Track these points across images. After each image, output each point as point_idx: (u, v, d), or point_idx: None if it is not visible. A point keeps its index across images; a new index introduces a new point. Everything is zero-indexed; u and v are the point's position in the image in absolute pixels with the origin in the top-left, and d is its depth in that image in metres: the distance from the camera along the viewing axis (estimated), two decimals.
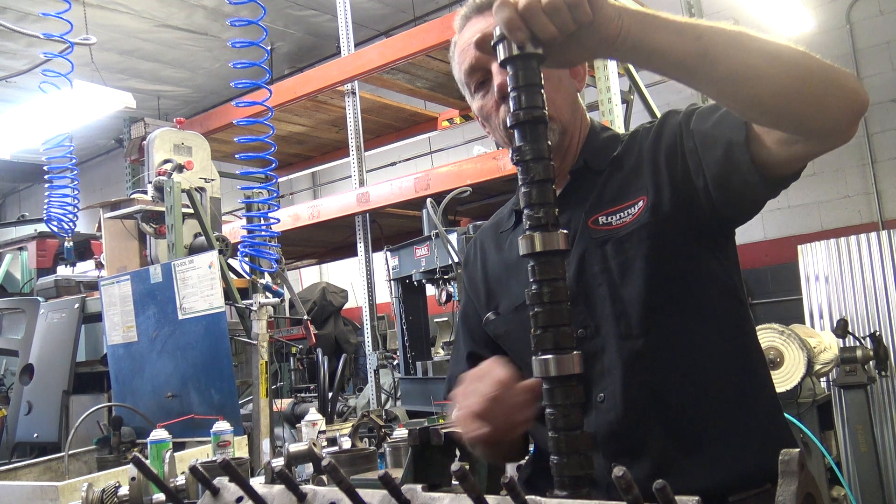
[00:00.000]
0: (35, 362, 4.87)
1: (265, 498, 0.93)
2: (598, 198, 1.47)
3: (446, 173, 5.29)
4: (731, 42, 1.14)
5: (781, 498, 0.77)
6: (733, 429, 1.38)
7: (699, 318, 1.41)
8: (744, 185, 1.29)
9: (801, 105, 1.15)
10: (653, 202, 1.39)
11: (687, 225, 1.39)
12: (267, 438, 3.72)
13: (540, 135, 1.03)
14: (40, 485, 2.72)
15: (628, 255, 1.40)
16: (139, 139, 5.43)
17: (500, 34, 1.05)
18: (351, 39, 6.05)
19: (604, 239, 1.43)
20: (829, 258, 6.43)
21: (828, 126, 1.18)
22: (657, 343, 1.38)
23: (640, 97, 5.30)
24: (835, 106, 1.15)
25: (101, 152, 13.19)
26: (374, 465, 2.46)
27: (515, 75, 1.05)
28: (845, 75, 1.16)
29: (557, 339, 0.98)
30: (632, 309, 1.39)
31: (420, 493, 0.86)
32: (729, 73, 1.13)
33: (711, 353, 1.40)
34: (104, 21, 8.43)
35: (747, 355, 1.46)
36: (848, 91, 1.16)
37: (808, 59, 1.15)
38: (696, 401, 1.38)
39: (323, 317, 8.41)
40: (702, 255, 1.43)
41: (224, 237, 4.47)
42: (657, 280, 1.38)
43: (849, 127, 1.20)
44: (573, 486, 0.93)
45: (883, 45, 6.87)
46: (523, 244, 1.01)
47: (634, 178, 1.44)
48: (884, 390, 6.07)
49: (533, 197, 1.02)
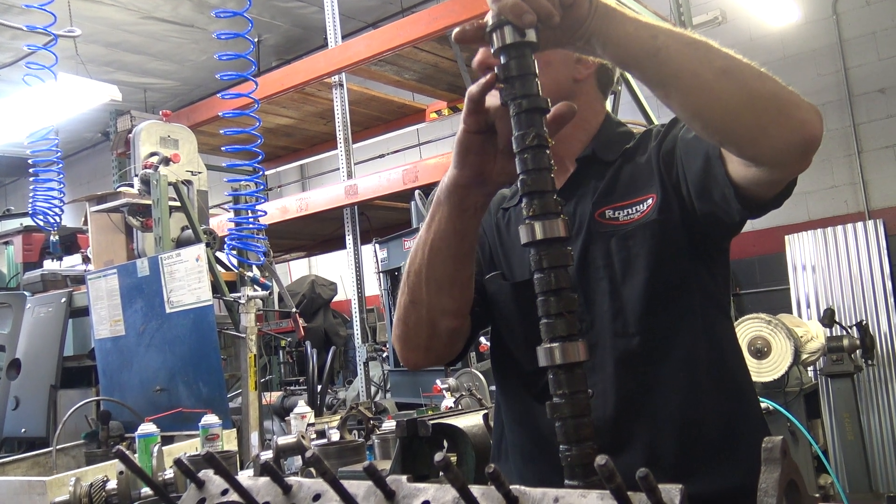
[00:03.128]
0: (22, 357, 4.84)
1: (250, 490, 0.92)
2: (607, 190, 1.46)
3: (434, 165, 5.28)
4: (684, 48, 1.13)
5: (764, 485, 0.78)
6: (718, 441, 1.38)
7: (691, 326, 1.41)
8: (723, 199, 1.28)
9: (743, 128, 1.13)
10: (661, 201, 1.39)
11: (684, 231, 1.39)
12: (256, 431, 3.71)
13: (540, 123, 1.03)
14: (28, 480, 2.71)
15: (631, 252, 1.39)
16: (125, 132, 5.40)
17: (495, 22, 1.05)
18: (338, 31, 6.02)
19: (609, 233, 1.42)
20: (815, 248, 6.48)
21: (770, 154, 1.15)
22: (651, 344, 1.38)
23: (628, 88, 5.31)
24: (777, 135, 1.13)
25: (86, 145, 13.09)
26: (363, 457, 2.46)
27: (511, 64, 1.04)
28: (797, 105, 1.13)
29: (563, 327, 0.98)
30: (630, 307, 1.39)
31: (405, 485, 0.86)
32: (675, 76, 1.13)
33: (700, 362, 1.40)
34: (89, 13, 8.35)
35: (733, 371, 1.46)
36: (795, 121, 1.13)
37: (759, 82, 1.13)
38: (682, 407, 1.37)
39: (312, 310, 8.40)
40: (696, 263, 1.42)
41: (211, 230, 4.45)
42: (658, 281, 1.38)
43: (794, 159, 1.16)
44: (584, 475, 0.93)
45: (869, 36, 6.90)
46: (524, 232, 1.01)
47: (644, 175, 1.43)
48: (870, 379, 6.12)
49: (533, 184, 1.01)
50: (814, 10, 7.06)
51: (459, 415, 1.69)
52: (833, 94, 6.94)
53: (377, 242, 5.54)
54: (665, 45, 1.12)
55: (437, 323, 1.43)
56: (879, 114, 6.85)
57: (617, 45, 1.13)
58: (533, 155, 1.02)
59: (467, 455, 1.58)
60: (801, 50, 7.11)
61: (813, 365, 5.29)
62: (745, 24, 7.17)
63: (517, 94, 1.04)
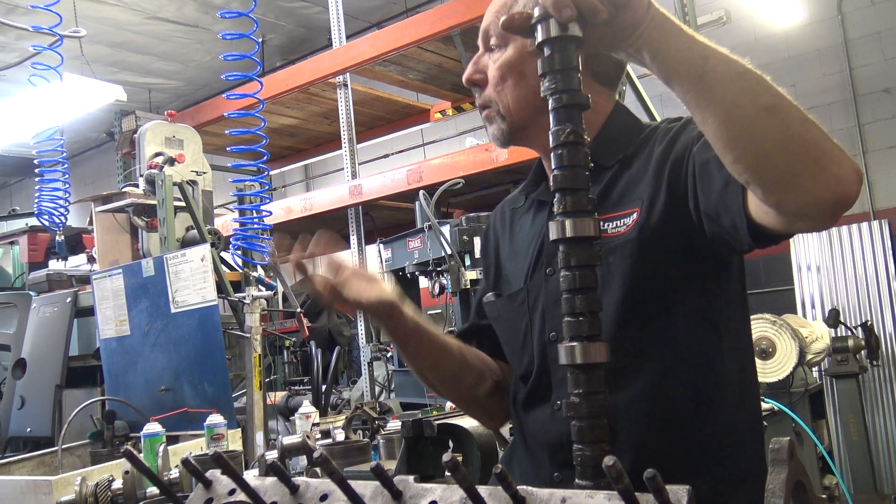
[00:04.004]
0: (27, 357, 4.85)
1: (257, 490, 0.92)
2: (601, 199, 1.38)
3: (439, 165, 5.29)
4: (733, 76, 1.08)
5: (772, 486, 0.78)
6: (688, 460, 1.32)
7: (666, 343, 1.35)
8: (733, 227, 1.22)
9: (774, 171, 1.07)
10: (643, 218, 1.34)
11: (670, 248, 1.33)
12: (261, 431, 3.72)
13: (578, 119, 1.02)
14: (34, 479, 2.72)
15: (610, 269, 1.35)
16: (130, 132, 5.41)
17: (540, 13, 1.03)
18: (342, 31, 6.03)
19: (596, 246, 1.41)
20: (820, 248, 6.46)
21: (794, 205, 1.08)
22: (623, 360, 1.29)
23: (633, 88, 5.30)
24: (806, 186, 1.06)
25: (91, 146, 13.12)
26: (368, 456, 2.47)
27: (555, 57, 1.03)
28: (836, 159, 1.06)
29: (586, 326, 0.98)
30: (604, 321, 1.37)
31: (412, 485, 0.86)
32: (717, 104, 1.08)
33: (675, 379, 1.34)
34: (94, 13, 8.37)
35: (718, 389, 1.38)
36: (828, 175, 1.05)
37: (803, 127, 1.06)
38: (653, 427, 1.33)
39: (316, 309, 8.38)
40: (684, 280, 1.36)
41: (216, 230, 4.46)
42: (632, 297, 1.34)
43: (820, 215, 1.09)
44: (595, 475, 0.93)
45: (874, 36, 6.88)
46: (554, 228, 1.00)
47: (636, 184, 1.39)
48: (875, 379, 6.10)
49: (565, 181, 1.00)
50: (819, 10, 7.04)
51: (465, 415, 1.69)
52: (838, 94, 6.92)
53: (381, 242, 5.54)
54: (714, 68, 1.07)
55: (477, 398, 1.55)
56: (885, 114, 6.83)
57: (665, 60, 1.09)
58: (568, 151, 1.01)
59: (473, 455, 1.58)
60: (805, 50, 7.09)
61: (818, 365, 5.28)
62: (749, 24, 7.16)
63: (558, 87, 1.02)
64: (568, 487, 1.31)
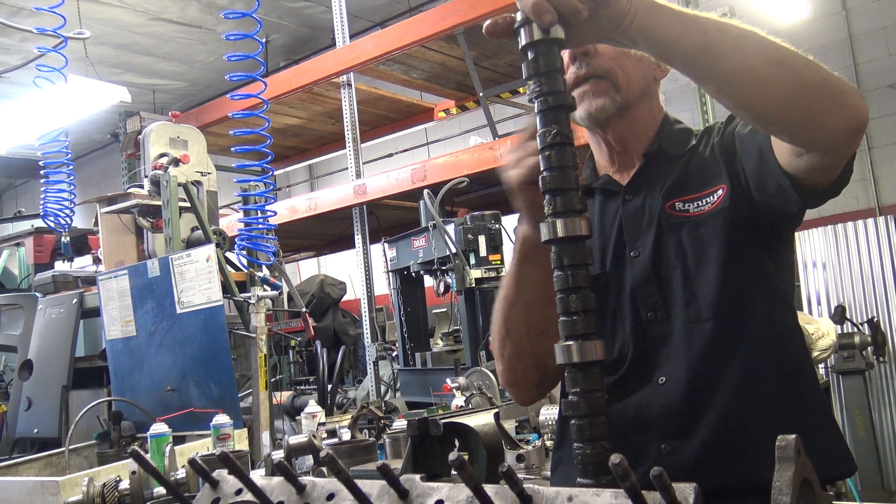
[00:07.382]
0: (34, 358, 4.86)
1: (264, 490, 0.93)
2: (677, 183, 1.48)
3: (443, 164, 5.29)
4: (735, 41, 1.14)
5: (778, 483, 0.78)
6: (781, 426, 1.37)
7: (759, 312, 1.43)
8: (779, 190, 1.31)
9: (797, 116, 1.15)
10: (731, 192, 1.42)
11: (750, 222, 1.42)
12: (267, 431, 3.72)
13: (565, 120, 1.03)
14: (41, 480, 2.73)
15: (704, 240, 1.42)
16: (135, 133, 5.42)
17: (522, 18, 1.04)
18: (346, 31, 6.03)
19: (680, 224, 1.45)
20: (826, 244, 6.43)
21: (824, 141, 1.18)
22: (724, 328, 1.39)
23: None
24: (831, 122, 1.15)
25: (96, 147, 13.15)
26: (374, 456, 2.46)
27: (539, 60, 1.04)
28: (847, 91, 1.16)
29: (582, 325, 0.98)
30: (703, 293, 1.41)
31: (418, 483, 0.86)
32: (729, 72, 1.14)
33: (768, 348, 1.41)
34: (98, 15, 8.39)
35: (798, 361, 1.47)
36: (846, 108, 1.15)
37: (811, 70, 1.14)
38: (751, 393, 1.38)
39: (321, 309, 8.40)
40: (761, 253, 1.45)
41: (221, 230, 4.46)
42: (730, 266, 1.40)
43: (847, 143, 1.20)
44: (595, 473, 0.93)
45: (879, 31, 6.86)
46: (545, 229, 1.01)
47: (712, 168, 1.47)
48: (882, 376, 6.08)
49: (554, 182, 1.01)
50: (823, 6, 7.02)
51: (470, 414, 1.69)
52: None
53: (386, 242, 5.54)
54: (716, 41, 1.12)
55: (546, 364, 1.49)
56: (890, 109, 6.81)
57: (665, 44, 1.13)
58: (556, 152, 1.01)
59: (478, 454, 1.58)
60: (810, 46, 6.92)
61: (824, 362, 5.27)
62: (753, 20, 7.02)
63: (543, 90, 1.03)
64: (676, 458, 1.36)
